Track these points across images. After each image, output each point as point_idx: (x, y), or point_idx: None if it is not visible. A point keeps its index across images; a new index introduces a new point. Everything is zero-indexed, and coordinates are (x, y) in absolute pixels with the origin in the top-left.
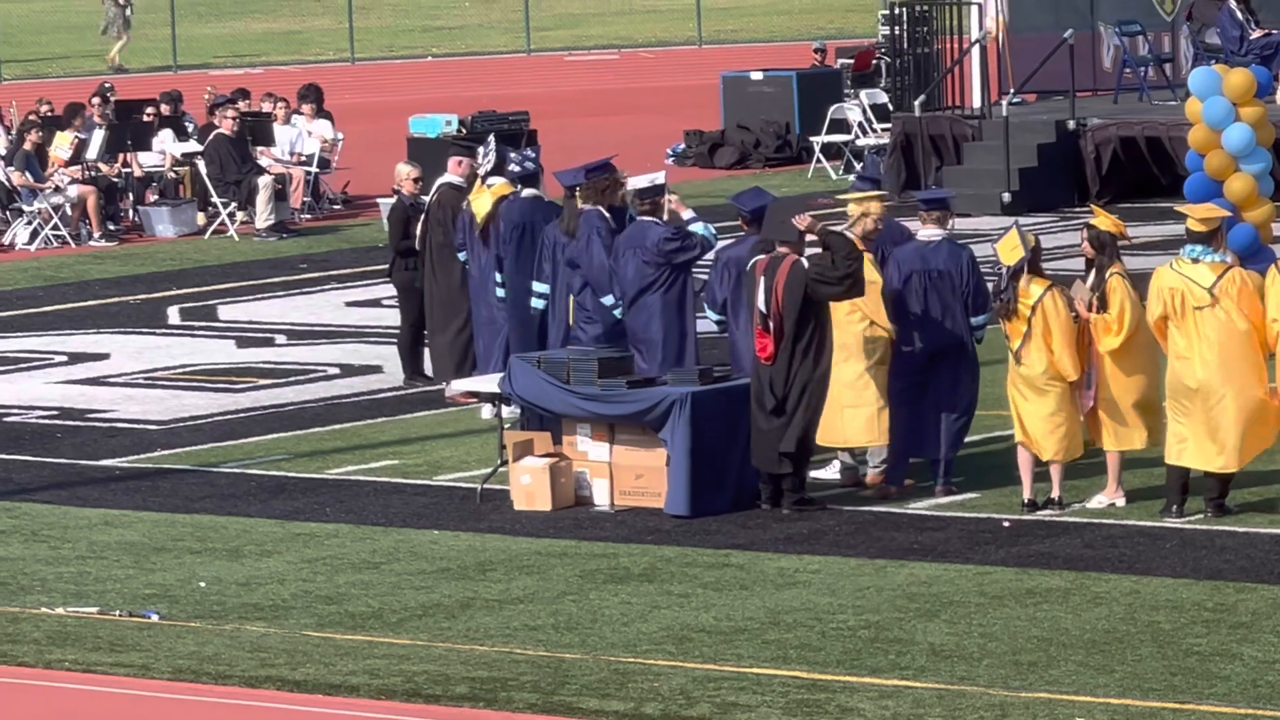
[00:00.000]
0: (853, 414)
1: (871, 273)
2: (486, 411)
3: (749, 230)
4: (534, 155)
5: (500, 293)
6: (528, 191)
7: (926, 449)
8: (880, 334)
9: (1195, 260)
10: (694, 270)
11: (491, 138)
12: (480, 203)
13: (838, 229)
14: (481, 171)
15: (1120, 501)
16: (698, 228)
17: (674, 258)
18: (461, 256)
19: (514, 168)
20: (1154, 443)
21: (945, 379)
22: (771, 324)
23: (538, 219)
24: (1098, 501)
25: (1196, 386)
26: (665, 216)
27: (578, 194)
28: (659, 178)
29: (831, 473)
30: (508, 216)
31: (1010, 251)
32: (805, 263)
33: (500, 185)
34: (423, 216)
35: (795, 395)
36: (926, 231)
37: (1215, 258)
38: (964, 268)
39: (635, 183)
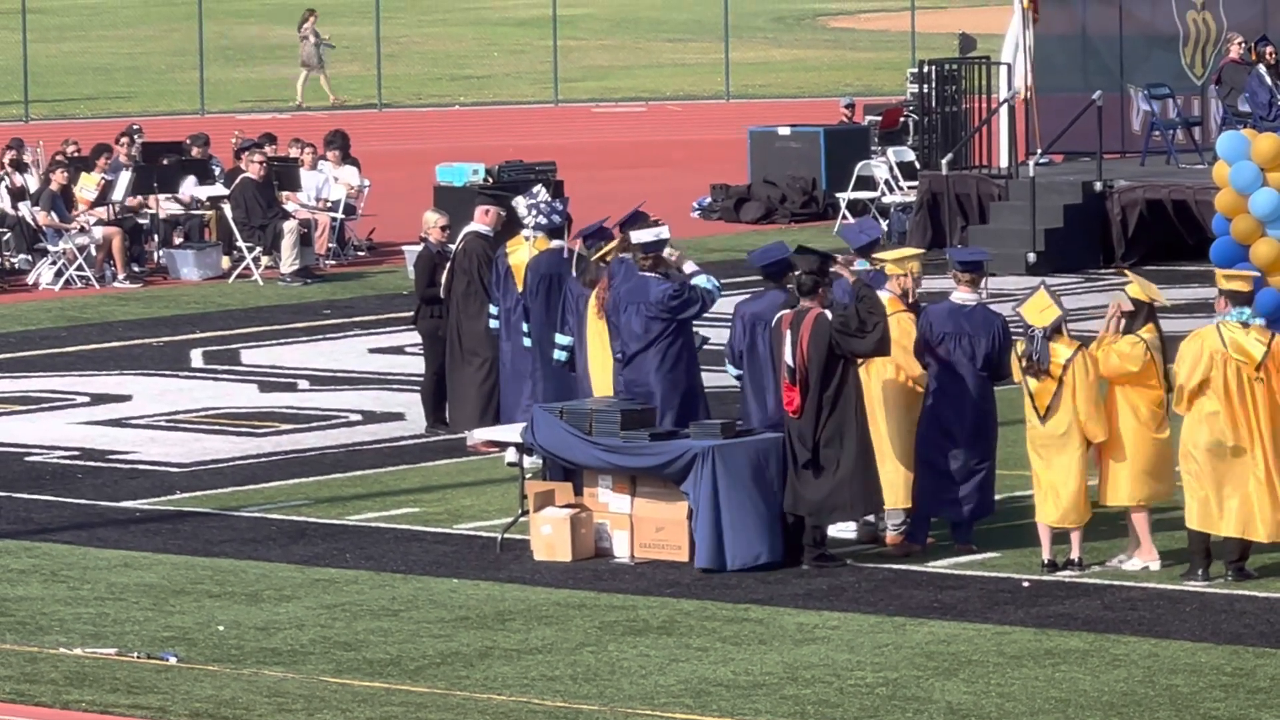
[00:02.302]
0: (886, 473)
1: (912, 330)
2: (511, 455)
3: (768, 286)
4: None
5: (527, 342)
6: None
7: (946, 509)
8: (917, 393)
9: (1246, 325)
10: (702, 323)
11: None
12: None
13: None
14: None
15: (1155, 565)
16: (700, 280)
17: (677, 313)
18: (494, 310)
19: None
20: (1168, 499)
21: (967, 441)
22: (798, 377)
23: (565, 270)
24: (1132, 564)
25: (1240, 452)
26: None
27: (588, 246)
28: (663, 232)
29: (848, 531)
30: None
31: (1040, 312)
32: (829, 315)
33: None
34: (449, 264)
35: (827, 449)
36: (960, 294)
37: (1260, 321)
38: (996, 335)
39: (637, 237)
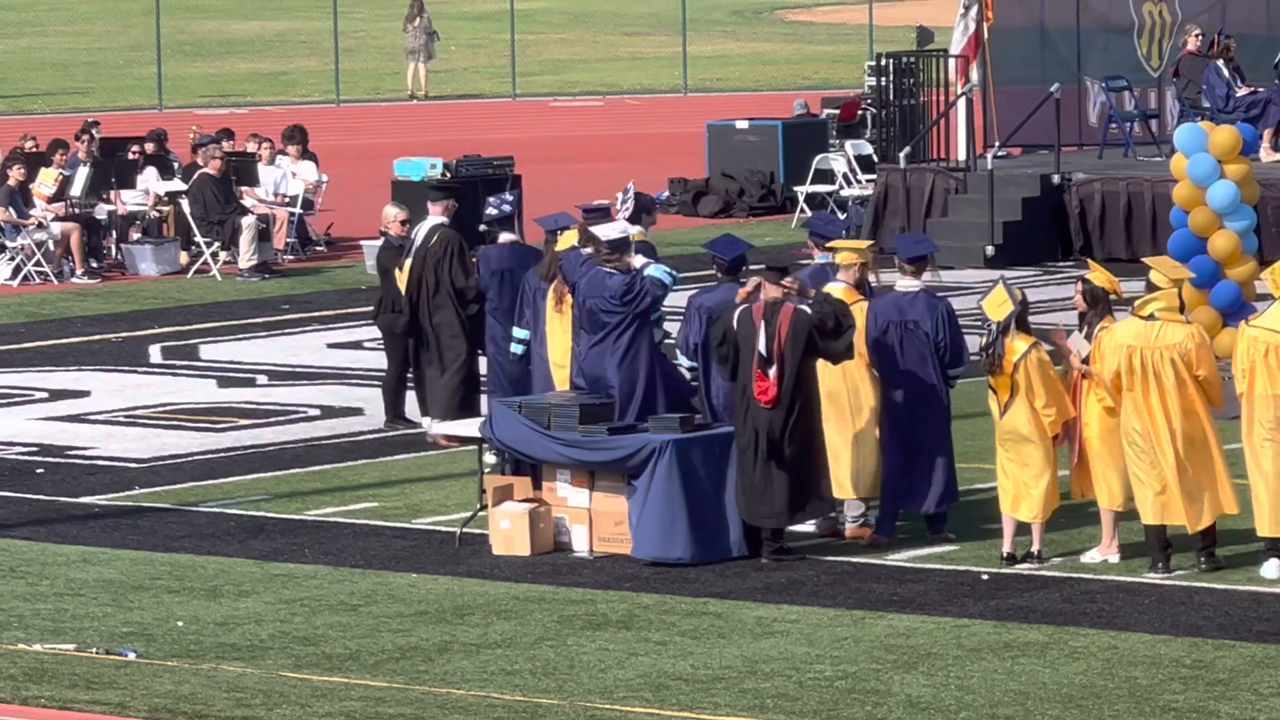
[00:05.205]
0: (847, 465)
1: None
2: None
3: (724, 278)
4: (511, 198)
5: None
6: (505, 236)
7: (914, 501)
8: (877, 384)
9: (1152, 316)
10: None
11: (631, 185)
12: None
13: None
14: (620, 217)
15: (1114, 558)
16: (651, 270)
17: (630, 306)
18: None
19: (491, 210)
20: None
21: (926, 430)
22: (774, 368)
23: (516, 264)
24: (1090, 557)
25: (1153, 444)
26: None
27: (558, 238)
28: (630, 229)
29: (808, 525)
30: (485, 263)
31: (998, 307)
32: (807, 309)
33: (635, 234)
34: (417, 257)
35: (798, 443)
36: (905, 283)
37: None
38: (940, 320)
39: (604, 232)
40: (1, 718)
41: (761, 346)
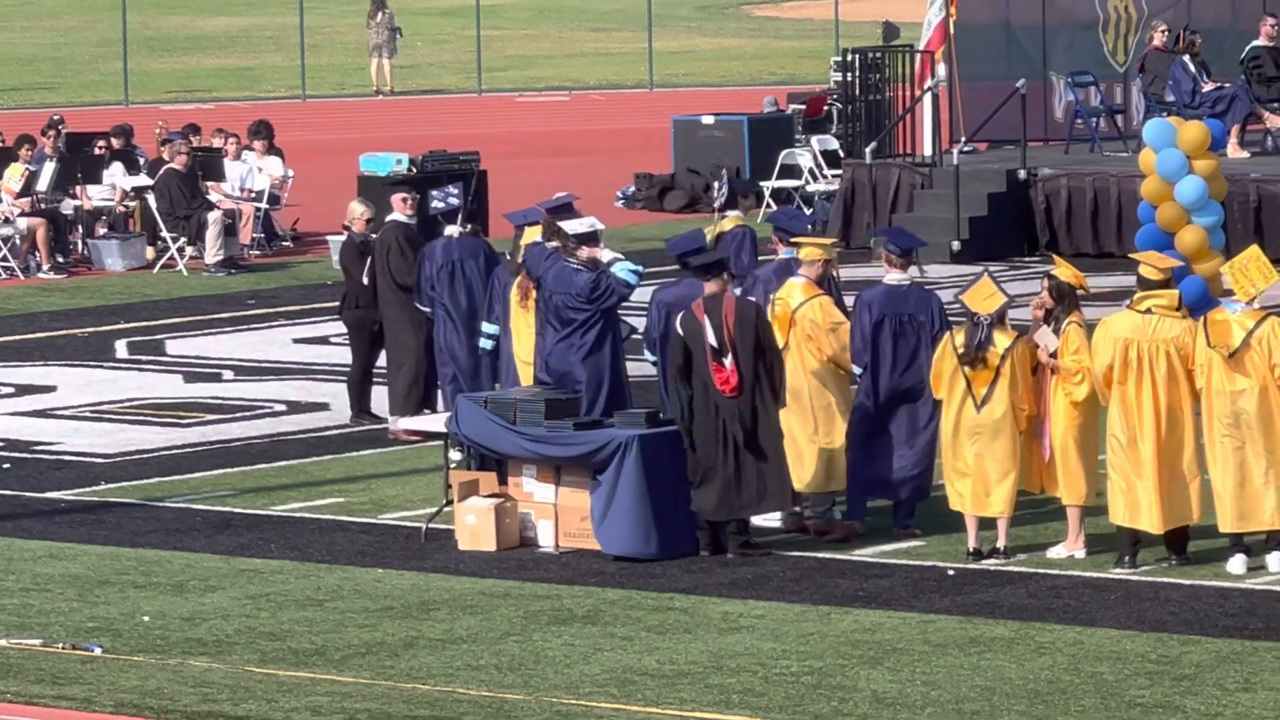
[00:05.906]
0: (812, 461)
1: (835, 314)
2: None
3: (685, 274)
4: (456, 191)
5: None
6: (449, 230)
7: (888, 491)
8: (838, 376)
9: (1149, 311)
10: (626, 313)
11: (724, 172)
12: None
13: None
14: (716, 205)
15: (1080, 553)
16: (618, 269)
17: (597, 303)
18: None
19: (436, 204)
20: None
21: (909, 421)
22: (729, 357)
23: (465, 256)
24: (1056, 552)
25: (1136, 439)
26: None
27: (525, 231)
28: (598, 223)
29: (774, 520)
30: (432, 256)
31: (985, 300)
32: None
33: (733, 218)
34: (372, 255)
35: (765, 432)
36: (893, 275)
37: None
38: (936, 312)
39: (572, 227)
40: None
41: (711, 339)
